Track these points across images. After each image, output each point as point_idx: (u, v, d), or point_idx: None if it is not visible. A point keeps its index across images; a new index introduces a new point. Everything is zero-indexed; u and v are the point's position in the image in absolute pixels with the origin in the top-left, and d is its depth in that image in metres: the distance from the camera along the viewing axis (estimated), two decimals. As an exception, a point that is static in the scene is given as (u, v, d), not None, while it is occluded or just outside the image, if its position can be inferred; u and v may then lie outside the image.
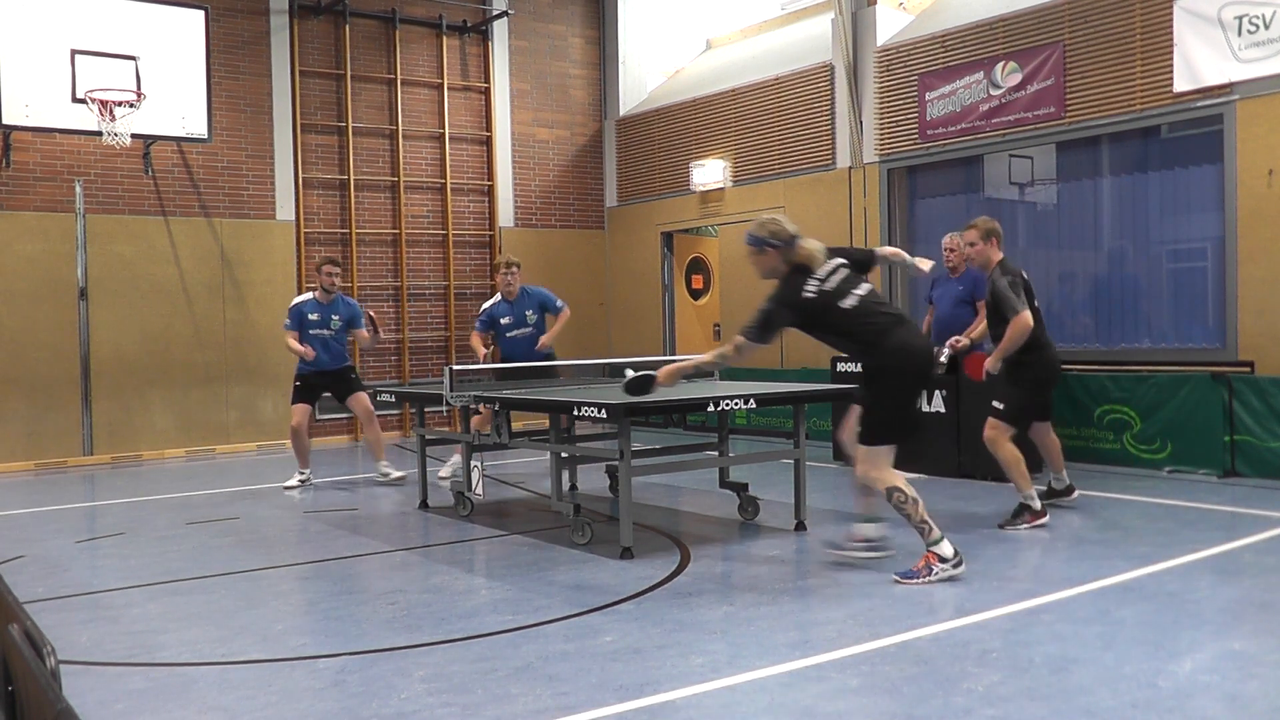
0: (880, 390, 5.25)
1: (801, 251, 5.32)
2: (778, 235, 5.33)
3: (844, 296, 5.26)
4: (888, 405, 5.24)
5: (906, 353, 5.21)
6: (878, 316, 5.26)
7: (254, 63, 11.94)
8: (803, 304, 5.24)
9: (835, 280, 5.29)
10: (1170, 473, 8.14)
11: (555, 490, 6.53)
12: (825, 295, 5.25)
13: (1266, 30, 8.09)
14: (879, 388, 5.25)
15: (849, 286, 5.29)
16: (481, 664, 4.06)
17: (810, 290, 5.25)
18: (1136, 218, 9.34)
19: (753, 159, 12.45)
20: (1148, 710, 3.40)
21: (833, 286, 5.28)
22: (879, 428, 5.24)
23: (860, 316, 5.24)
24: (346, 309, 9.11)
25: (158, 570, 5.92)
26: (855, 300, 5.25)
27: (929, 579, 5.04)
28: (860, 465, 5.33)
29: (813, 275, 5.27)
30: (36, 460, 10.76)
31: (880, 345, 5.21)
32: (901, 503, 5.14)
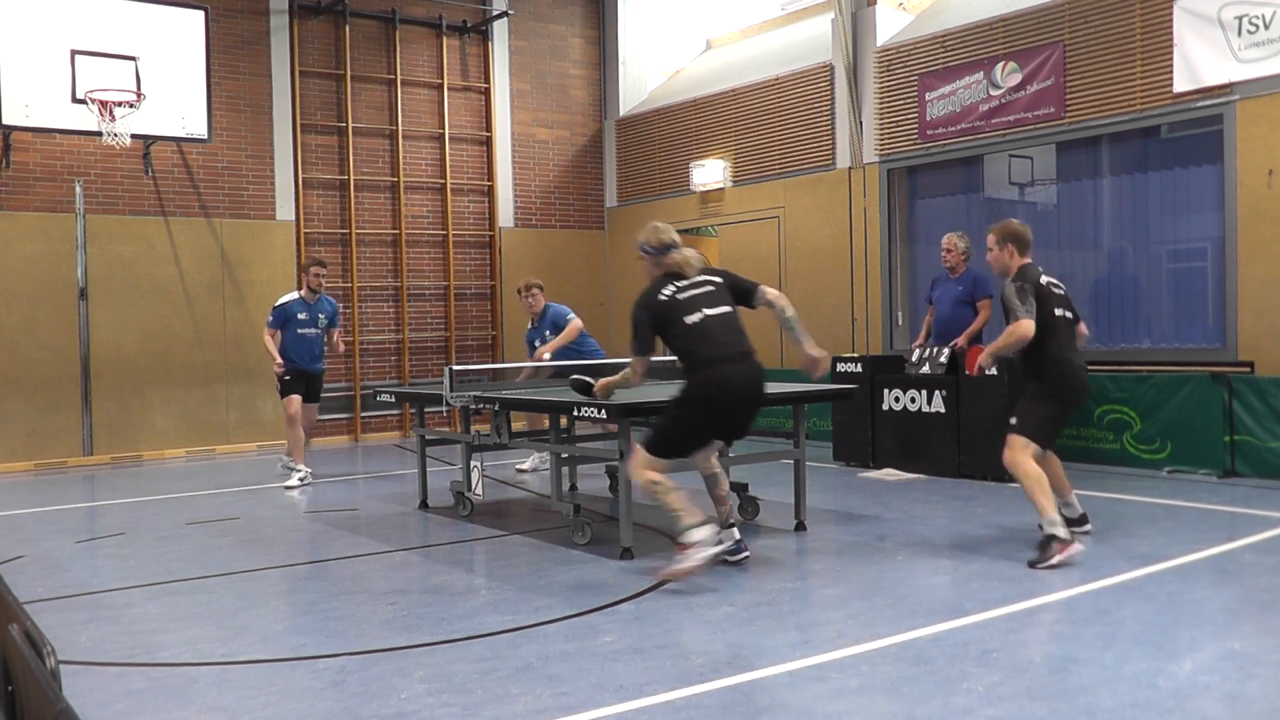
0: (679, 408, 5.24)
1: (672, 260, 5.41)
2: (649, 243, 5.49)
3: (691, 311, 5.25)
4: (676, 423, 5.24)
5: (720, 390, 5.17)
6: (712, 344, 5.19)
7: (254, 63, 11.95)
8: (653, 304, 5.28)
9: (691, 293, 5.30)
10: (1170, 473, 8.14)
11: (555, 490, 6.53)
12: (674, 304, 5.26)
13: (1266, 30, 8.09)
14: (680, 404, 5.24)
15: (703, 304, 5.27)
16: (481, 664, 4.06)
17: (664, 294, 5.29)
18: (1136, 218, 9.35)
19: (753, 159, 12.45)
20: (1148, 710, 3.40)
21: (685, 298, 5.28)
22: (659, 438, 5.24)
23: (696, 335, 5.20)
24: (330, 307, 9.40)
25: (158, 570, 5.92)
26: (700, 318, 5.23)
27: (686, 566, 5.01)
28: (630, 460, 5.32)
29: (674, 282, 5.33)
30: (36, 460, 10.76)
31: (700, 372, 5.18)
32: (655, 490, 5.15)
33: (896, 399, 8.89)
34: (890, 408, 8.93)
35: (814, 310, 11.72)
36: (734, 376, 5.22)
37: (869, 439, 9.10)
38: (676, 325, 5.25)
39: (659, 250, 5.47)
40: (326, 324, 9.29)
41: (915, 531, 6.40)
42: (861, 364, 9.24)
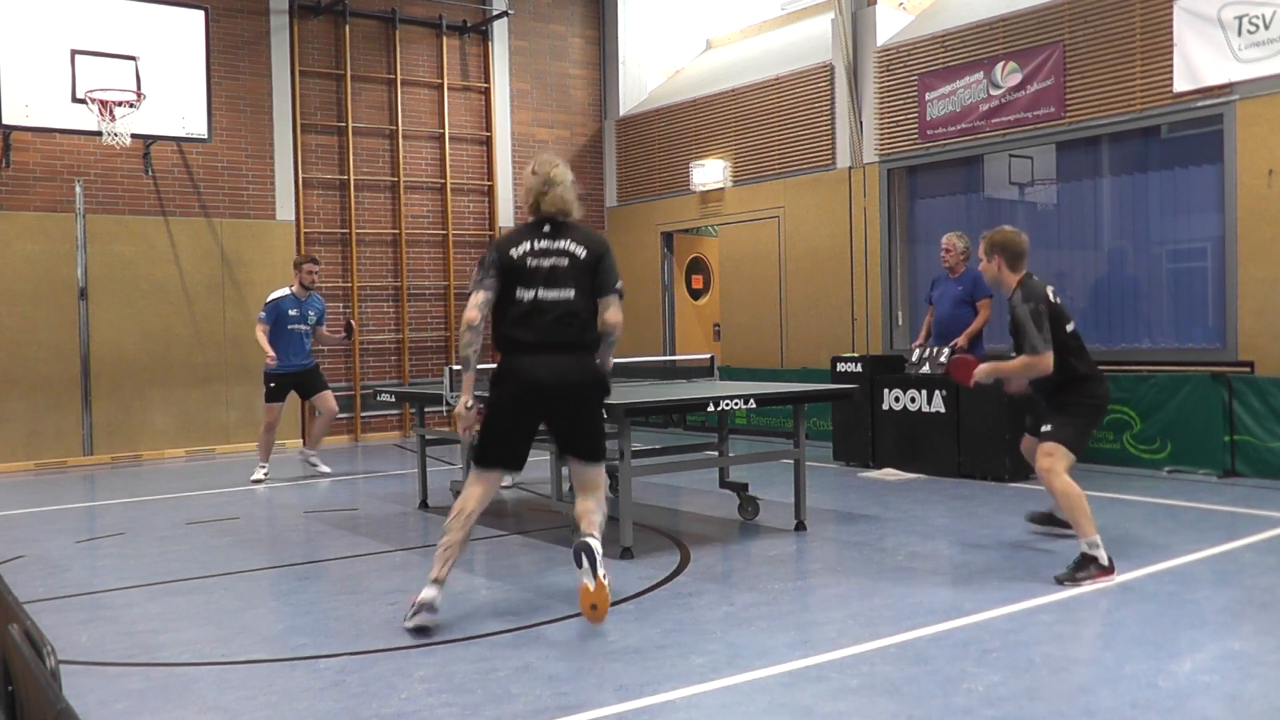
0: (487, 402, 4.67)
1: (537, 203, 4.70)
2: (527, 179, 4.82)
3: (528, 282, 4.54)
4: (486, 420, 4.67)
5: (515, 376, 4.54)
6: (529, 326, 4.52)
7: (254, 63, 11.94)
8: (499, 254, 4.59)
9: (540, 259, 4.57)
10: (1170, 473, 8.14)
11: (555, 490, 6.52)
12: (515, 264, 4.55)
13: (1266, 30, 8.09)
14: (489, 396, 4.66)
15: (547, 279, 4.55)
16: (481, 664, 4.06)
17: (515, 250, 4.58)
18: (1136, 218, 9.35)
19: (753, 159, 12.45)
20: (1148, 710, 3.40)
21: (531, 264, 4.55)
22: (477, 443, 4.69)
23: (516, 312, 4.54)
24: (319, 305, 9.54)
25: (158, 570, 5.92)
26: (530, 296, 4.54)
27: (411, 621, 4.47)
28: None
29: (534, 235, 4.63)
30: (36, 460, 10.75)
31: (501, 357, 4.64)
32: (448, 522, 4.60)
33: (896, 399, 8.89)
34: (890, 408, 8.93)
35: (814, 310, 11.73)
36: (531, 367, 4.52)
37: (869, 439, 9.10)
38: (505, 293, 4.58)
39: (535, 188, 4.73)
40: (315, 321, 9.43)
41: (915, 531, 6.40)
42: (861, 364, 9.24)
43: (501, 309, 4.58)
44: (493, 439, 4.63)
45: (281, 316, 9.20)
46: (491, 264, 4.57)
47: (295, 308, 9.24)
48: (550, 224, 4.68)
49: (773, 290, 12.24)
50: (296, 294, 9.29)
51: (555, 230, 4.67)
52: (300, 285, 9.32)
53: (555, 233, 4.67)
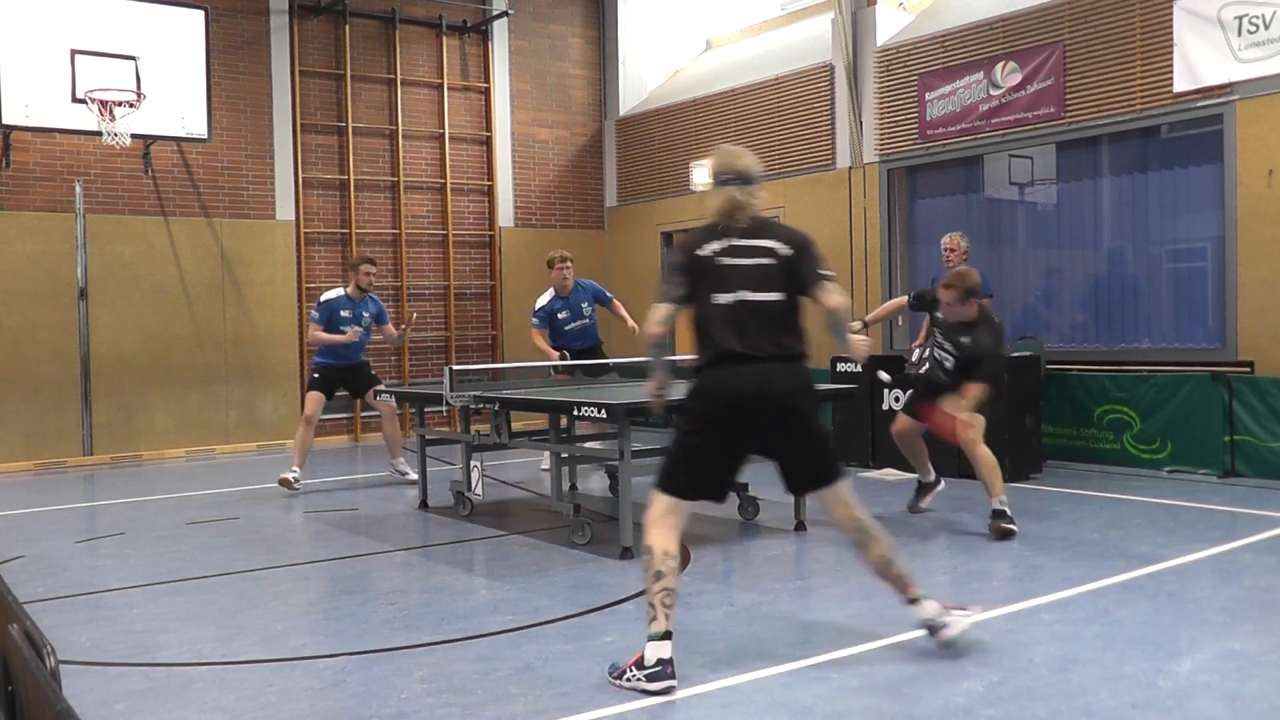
0: (677, 423, 4.20)
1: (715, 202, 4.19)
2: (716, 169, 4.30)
3: (727, 285, 4.00)
4: (675, 443, 4.15)
5: (718, 391, 3.98)
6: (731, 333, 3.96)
7: (254, 63, 11.94)
8: (687, 256, 4.10)
9: (739, 258, 4.04)
10: (1170, 473, 8.14)
11: (555, 490, 6.53)
12: (712, 266, 4.02)
13: (1266, 30, 8.09)
14: (679, 419, 4.19)
15: (747, 280, 4.03)
16: (481, 664, 4.06)
17: (705, 250, 4.06)
18: (1136, 218, 9.34)
19: (753, 159, 12.42)
20: (1148, 710, 3.40)
21: (729, 263, 4.02)
22: (663, 469, 4.13)
23: (720, 319, 3.99)
24: (375, 305, 9.16)
25: (158, 570, 5.92)
26: (731, 300, 4.00)
27: (619, 683, 3.76)
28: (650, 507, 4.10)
29: (727, 234, 4.10)
30: (36, 460, 10.75)
31: (702, 368, 4.05)
32: (645, 566, 3.99)
33: (897, 399, 8.88)
34: (890, 408, 8.93)
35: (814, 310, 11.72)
36: (748, 384, 3.95)
37: (869, 439, 9.10)
38: (702, 294, 4.03)
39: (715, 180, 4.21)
40: (371, 322, 9.03)
41: (915, 531, 6.40)
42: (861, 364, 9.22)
43: (699, 315, 4.06)
44: (689, 463, 4.03)
45: (334, 317, 8.85)
46: (678, 268, 4.08)
47: (349, 308, 8.88)
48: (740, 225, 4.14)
49: (773, 290, 12.21)
50: (351, 295, 8.94)
51: (753, 229, 4.13)
52: (356, 287, 8.96)
53: (753, 231, 4.13)
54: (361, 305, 9.01)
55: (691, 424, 4.04)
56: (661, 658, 3.72)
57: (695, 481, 4.05)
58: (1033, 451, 8.37)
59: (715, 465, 4.05)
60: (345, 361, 8.95)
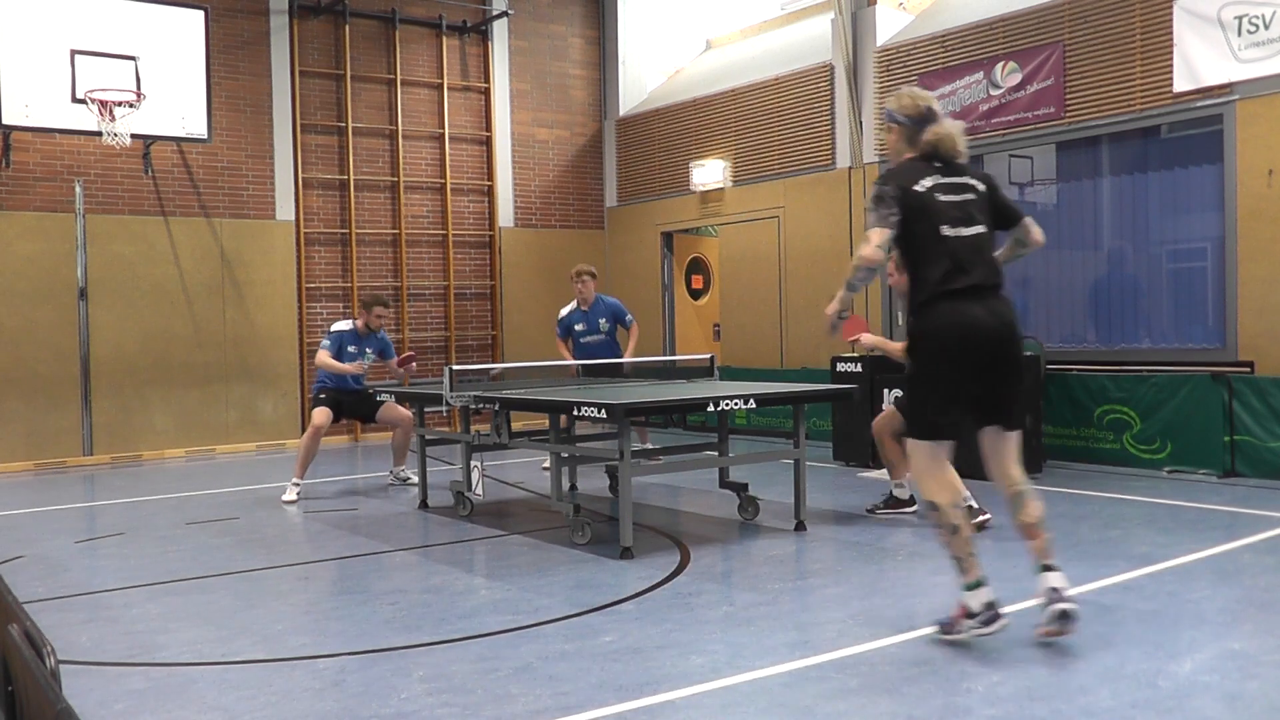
0: (916, 365, 4.20)
1: (932, 138, 4.22)
2: (904, 111, 4.32)
3: (947, 219, 4.09)
4: (920, 387, 4.19)
5: (957, 325, 4.04)
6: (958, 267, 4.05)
7: (254, 63, 11.95)
8: (901, 189, 4.13)
9: (952, 197, 4.15)
10: (1170, 473, 8.14)
11: (555, 490, 6.53)
12: (931, 202, 4.11)
13: (1266, 30, 8.09)
14: (911, 359, 4.22)
15: (962, 215, 4.13)
16: (481, 664, 4.06)
17: (921, 184, 4.13)
18: (1136, 218, 9.34)
19: (753, 159, 12.45)
20: (1148, 710, 3.40)
21: (945, 200, 4.13)
22: (912, 416, 4.24)
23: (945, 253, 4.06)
24: (379, 343, 9.05)
25: (158, 570, 5.92)
26: (952, 234, 4.08)
27: (953, 636, 4.09)
28: (910, 463, 4.30)
29: (934, 174, 4.19)
30: (36, 460, 10.76)
31: (925, 303, 4.11)
32: (937, 524, 4.14)
33: (896, 399, 8.88)
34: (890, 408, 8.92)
35: (814, 310, 11.72)
36: (980, 317, 4.04)
37: (869, 439, 9.08)
38: (922, 228, 4.09)
39: (916, 120, 4.28)
40: (374, 358, 8.96)
41: (915, 531, 6.40)
42: (861, 364, 9.24)
43: (915, 250, 4.14)
44: (943, 403, 4.09)
45: (341, 351, 8.79)
46: (894, 198, 4.10)
47: (354, 344, 8.83)
48: (942, 162, 4.22)
49: (773, 290, 12.24)
50: (359, 330, 8.86)
51: (949, 167, 4.22)
52: (366, 325, 8.86)
53: (950, 169, 4.22)
54: (367, 341, 8.90)
55: (933, 360, 4.10)
56: (985, 601, 4.02)
57: (948, 418, 4.13)
58: (1033, 451, 8.36)
59: (961, 399, 4.12)
60: (348, 388, 8.85)
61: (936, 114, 4.30)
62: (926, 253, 4.11)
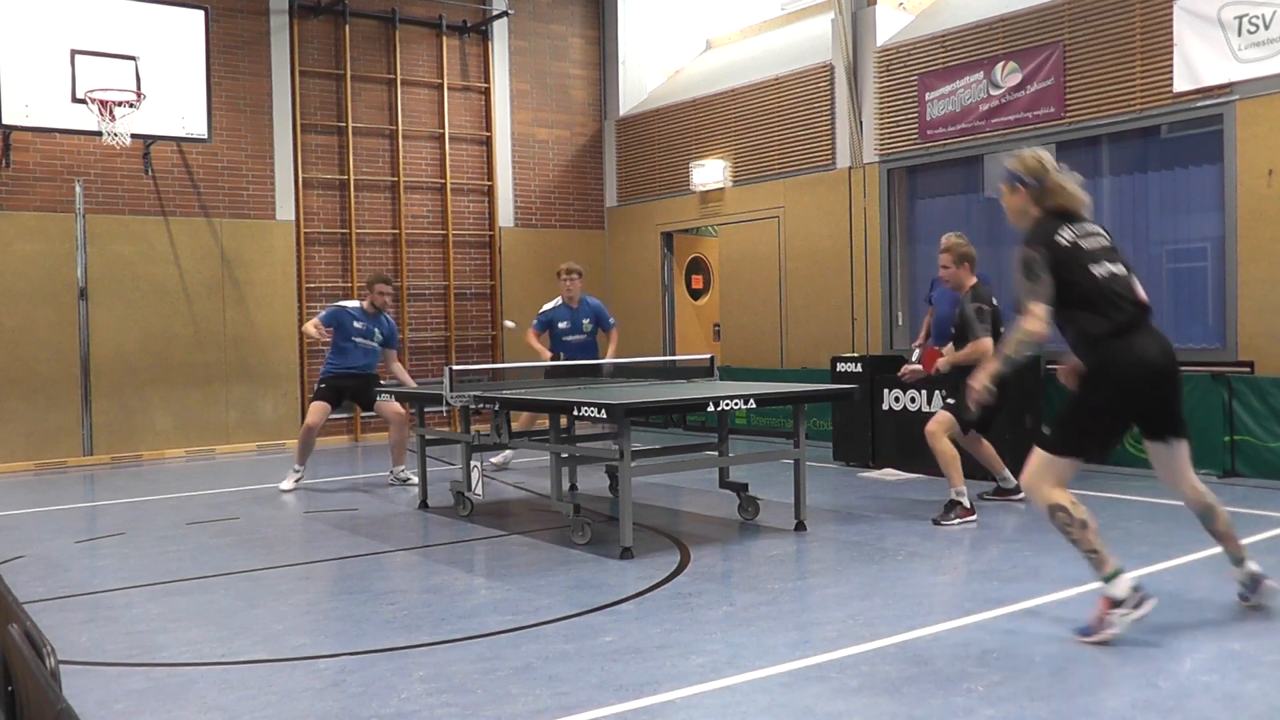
0: (1090, 392, 4.36)
1: (1058, 193, 4.41)
2: (1028, 172, 4.47)
3: (1097, 261, 4.30)
4: (1087, 412, 4.36)
5: (1141, 369, 4.27)
6: (1123, 309, 4.26)
7: (254, 63, 11.95)
8: (1048, 249, 4.28)
9: (1094, 243, 4.35)
10: (1170, 473, 8.14)
11: (555, 490, 6.53)
12: (1077, 250, 4.30)
13: (1266, 30, 8.09)
14: (1090, 388, 4.36)
15: (1105, 257, 4.34)
16: (481, 664, 4.06)
17: (1063, 238, 4.31)
18: (1136, 218, 9.34)
19: (753, 159, 12.45)
20: (1148, 710, 3.40)
21: (1090, 247, 4.33)
22: (1063, 430, 4.38)
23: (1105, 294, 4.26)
24: (388, 326, 9.05)
25: (158, 570, 5.92)
26: (1106, 273, 4.29)
27: (1106, 633, 4.09)
28: (1027, 471, 4.39)
29: (1069, 225, 4.36)
30: (36, 460, 10.76)
31: (1111, 343, 4.27)
32: (1066, 524, 4.23)
33: (896, 399, 8.89)
34: (890, 408, 8.93)
35: (814, 310, 11.73)
36: (1154, 351, 4.29)
37: (869, 439, 9.10)
38: (1078, 276, 4.25)
39: (1039, 181, 4.43)
40: (383, 341, 8.95)
41: (915, 531, 6.40)
42: (861, 364, 9.24)
43: (1079, 296, 4.28)
44: (1099, 428, 4.41)
45: (345, 327, 8.78)
46: (1045, 264, 4.29)
47: (362, 321, 8.81)
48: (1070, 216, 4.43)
49: (773, 290, 12.24)
50: (366, 310, 8.88)
51: (1076, 219, 4.44)
52: (371, 305, 8.90)
53: (1082, 219, 4.45)
54: (374, 322, 8.91)
55: (1111, 393, 4.29)
56: (1131, 586, 4.16)
57: (1101, 444, 4.62)
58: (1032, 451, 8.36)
59: (1121, 429, 4.54)
60: (350, 369, 8.85)
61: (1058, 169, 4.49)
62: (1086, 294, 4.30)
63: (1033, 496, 4.37)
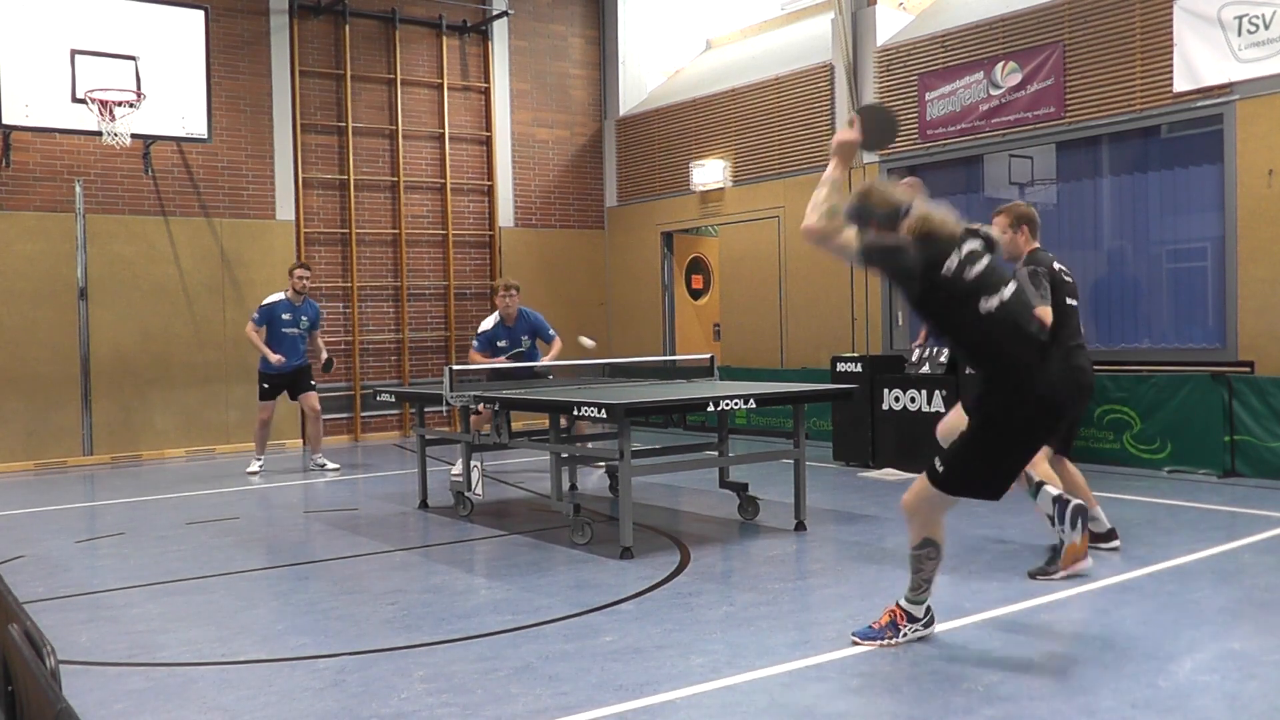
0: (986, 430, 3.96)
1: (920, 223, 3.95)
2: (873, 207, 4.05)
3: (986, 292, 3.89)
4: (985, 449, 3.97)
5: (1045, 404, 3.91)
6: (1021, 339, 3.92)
7: (254, 63, 11.94)
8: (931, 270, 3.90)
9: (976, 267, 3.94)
10: (1170, 473, 8.14)
11: (555, 490, 6.53)
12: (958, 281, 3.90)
13: (1266, 30, 8.09)
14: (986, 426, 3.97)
15: (994, 280, 3.95)
16: (481, 664, 4.06)
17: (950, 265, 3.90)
18: (1136, 218, 9.34)
19: (753, 159, 12.45)
20: (1148, 710, 3.40)
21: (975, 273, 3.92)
22: (958, 470, 3.98)
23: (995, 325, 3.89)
24: (313, 310, 9.91)
25: (158, 570, 5.92)
26: (996, 304, 3.90)
27: (892, 641, 4.13)
28: (910, 494, 4.13)
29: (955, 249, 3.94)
30: (36, 460, 10.75)
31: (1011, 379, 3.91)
32: (926, 558, 4.12)
33: (896, 399, 8.89)
34: (890, 408, 8.93)
35: (814, 310, 11.73)
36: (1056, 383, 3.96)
37: (869, 439, 9.09)
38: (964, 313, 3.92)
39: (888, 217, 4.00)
40: (309, 326, 9.78)
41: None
42: (861, 364, 9.24)
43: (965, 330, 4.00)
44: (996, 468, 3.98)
45: (275, 320, 9.60)
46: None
47: (289, 312, 9.65)
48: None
49: (773, 290, 12.24)
50: (290, 299, 9.64)
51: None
52: (293, 290, 9.65)
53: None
54: (300, 310, 9.75)
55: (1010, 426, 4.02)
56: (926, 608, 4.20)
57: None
58: (1033, 451, 8.36)
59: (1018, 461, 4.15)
60: (288, 368, 9.69)
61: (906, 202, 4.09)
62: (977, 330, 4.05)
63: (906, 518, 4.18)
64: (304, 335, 9.81)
